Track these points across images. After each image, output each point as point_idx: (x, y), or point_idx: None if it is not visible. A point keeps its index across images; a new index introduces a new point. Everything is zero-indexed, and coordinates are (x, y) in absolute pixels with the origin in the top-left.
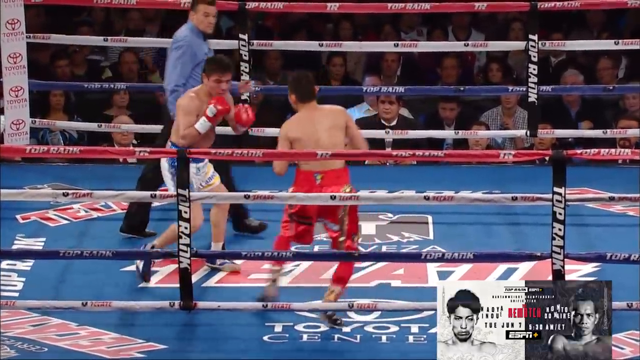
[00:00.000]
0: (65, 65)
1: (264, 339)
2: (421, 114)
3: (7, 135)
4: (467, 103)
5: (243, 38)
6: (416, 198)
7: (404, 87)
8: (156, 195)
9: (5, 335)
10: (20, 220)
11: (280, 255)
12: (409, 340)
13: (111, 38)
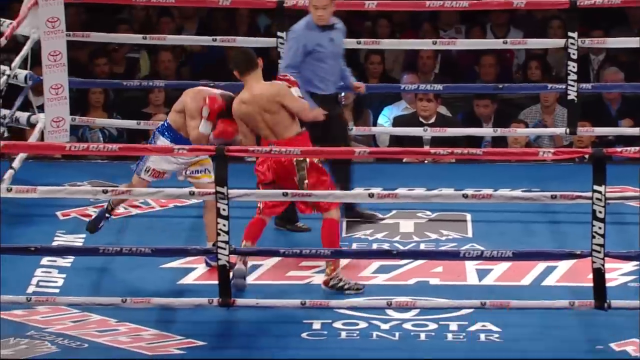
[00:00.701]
0: (104, 63)
1: (303, 336)
2: (459, 111)
3: (48, 132)
4: (506, 101)
5: (281, 36)
6: (455, 196)
7: (442, 85)
8: (195, 192)
9: (46, 331)
10: (60, 217)
11: (318, 253)
12: (448, 338)
13: (150, 36)
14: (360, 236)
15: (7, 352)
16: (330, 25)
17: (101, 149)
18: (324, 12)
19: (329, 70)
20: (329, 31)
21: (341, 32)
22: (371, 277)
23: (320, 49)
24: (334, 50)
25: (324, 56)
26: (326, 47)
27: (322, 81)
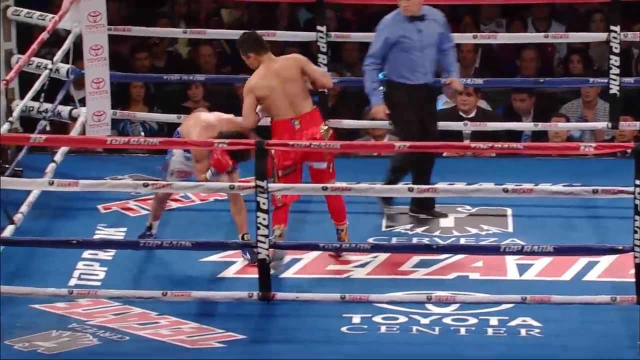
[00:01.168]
0: (145, 57)
1: (342, 330)
2: (500, 105)
3: (89, 126)
4: (547, 95)
5: (321, 30)
6: (495, 190)
7: (482, 79)
8: (235, 186)
9: (88, 324)
10: (101, 211)
11: (358, 248)
12: (488, 333)
13: (190, 30)
14: (400, 230)
15: (50, 345)
16: (420, 16)
17: (142, 142)
18: (408, 2)
19: (416, 61)
20: (418, 22)
21: (435, 23)
22: (411, 271)
23: (404, 40)
24: (423, 41)
25: (410, 47)
26: (412, 38)
27: (411, 72)
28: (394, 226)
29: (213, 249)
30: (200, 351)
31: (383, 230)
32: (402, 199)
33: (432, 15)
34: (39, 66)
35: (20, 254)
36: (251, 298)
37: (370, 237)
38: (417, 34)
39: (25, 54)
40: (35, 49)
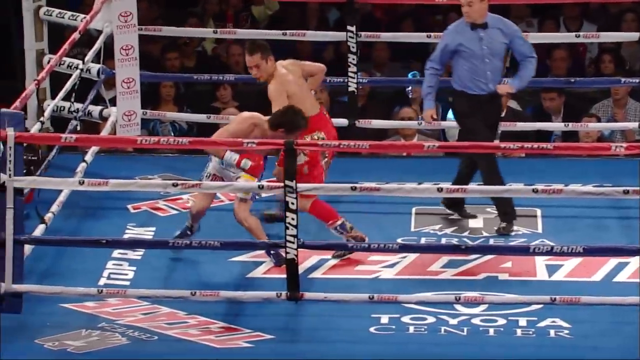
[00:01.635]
0: (175, 57)
1: (370, 331)
2: (529, 105)
3: (119, 126)
4: (578, 95)
5: (351, 30)
6: (524, 191)
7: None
8: (264, 186)
9: (117, 323)
10: (131, 210)
11: (386, 248)
12: (517, 334)
13: (221, 30)
14: (429, 231)
15: (79, 344)
16: (482, 24)
17: (171, 142)
18: (469, 9)
19: (476, 70)
20: (480, 30)
21: (500, 33)
22: (440, 271)
23: (464, 49)
24: (483, 50)
25: (469, 55)
26: (471, 46)
27: (472, 81)
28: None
29: (241, 249)
30: (228, 351)
31: (412, 231)
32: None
33: (498, 24)
34: (70, 66)
35: (50, 253)
36: (279, 298)
37: (399, 237)
38: (478, 43)
39: (57, 54)
40: (67, 49)
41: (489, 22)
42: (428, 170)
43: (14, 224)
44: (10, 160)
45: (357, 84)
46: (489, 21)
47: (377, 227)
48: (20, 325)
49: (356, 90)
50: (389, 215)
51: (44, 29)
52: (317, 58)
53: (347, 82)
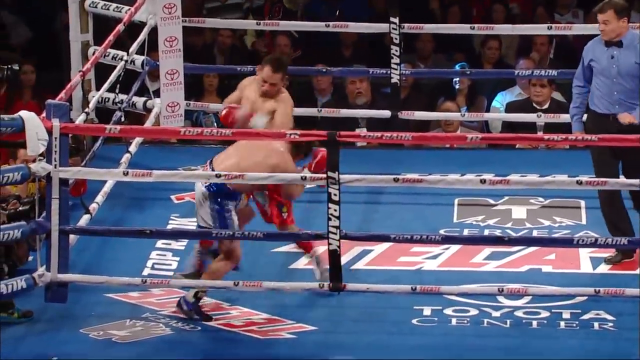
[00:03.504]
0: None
1: (413, 322)
2: None
3: (163, 117)
4: None
5: (394, 22)
6: (568, 182)
7: (556, 70)
8: (306, 177)
9: (160, 314)
10: (174, 201)
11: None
12: (561, 326)
13: (264, 22)
14: (472, 222)
15: (124, 333)
16: (617, 42)
17: (215, 134)
18: (605, 27)
19: (601, 87)
20: (614, 48)
21: (634, 51)
22: (482, 263)
23: (593, 64)
24: (612, 68)
25: (597, 72)
26: (601, 63)
27: (599, 99)
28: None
29: (284, 240)
30: (271, 342)
31: (454, 222)
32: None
33: (633, 43)
34: (114, 57)
35: (95, 244)
36: (322, 289)
37: (442, 228)
38: (608, 60)
39: (102, 46)
40: (112, 40)
41: (625, 41)
42: (471, 162)
43: (60, 214)
44: (56, 151)
45: (399, 75)
46: (626, 40)
47: (420, 218)
48: (66, 315)
49: (399, 81)
50: (431, 206)
51: (89, 21)
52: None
53: (389, 74)
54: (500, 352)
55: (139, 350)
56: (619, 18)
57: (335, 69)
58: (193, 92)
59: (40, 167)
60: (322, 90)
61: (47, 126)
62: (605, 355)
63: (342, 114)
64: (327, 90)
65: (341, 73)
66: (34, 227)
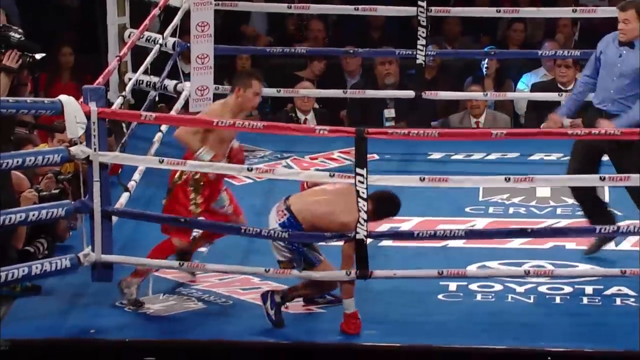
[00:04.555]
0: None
1: (439, 297)
2: None
3: (192, 100)
4: None
5: (422, 5)
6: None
7: (579, 51)
8: (334, 174)
9: (194, 288)
10: None
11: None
12: (583, 302)
13: (294, 5)
14: (497, 200)
15: (158, 307)
16: (629, 43)
17: (246, 125)
18: (624, 27)
19: (602, 81)
20: (625, 47)
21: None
22: (507, 240)
23: (602, 57)
24: (617, 66)
25: (602, 65)
26: (609, 57)
27: (599, 91)
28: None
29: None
30: (302, 316)
31: (480, 200)
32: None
33: None
34: (148, 40)
35: (131, 224)
36: (349, 277)
37: (468, 206)
38: (616, 58)
39: (138, 29)
40: (148, 24)
41: (637, 44)
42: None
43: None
44: (95, 135)
45: (425, 56)
46: (638, 42)
47: (446, 196)
48: (103, 290)
49: (424, 62)
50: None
51: (126, 4)
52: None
53: (415, 55)
54: (525, 328)
55: (173, 323)
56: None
57: (362, 49)
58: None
59: (80, 150)
60: (351, 72)
61: (85, 110)
62: (627, 331)
63: (368, 94)
64: (356, 71)
65: (368, 54)
66: (78, 206)
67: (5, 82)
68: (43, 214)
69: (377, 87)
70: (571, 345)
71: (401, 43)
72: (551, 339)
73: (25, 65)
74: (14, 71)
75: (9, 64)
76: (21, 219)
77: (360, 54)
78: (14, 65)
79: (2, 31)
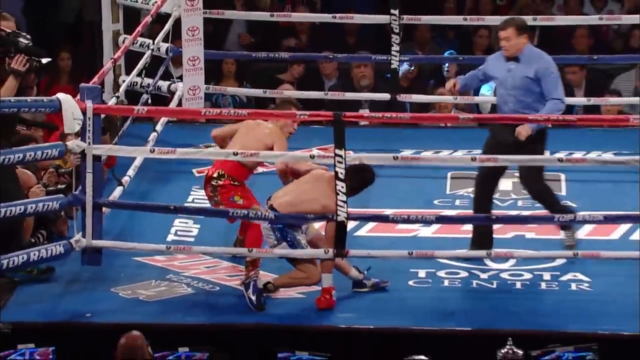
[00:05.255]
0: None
1: (409, 284)
2: None
3: (185, 99)
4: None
5: (394, 13)
6: (551, 160)
7: None
8: (315, 155)
9: (183, 275)
10: (196, 174)
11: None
12: (542, 287)
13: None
14: (463, 193)
15: (150, 293)
16: (514, 57)
17: (232, 113)
18: (506, 43)
19: (500, 98)
20: (511, 62)
21: (527, 68)
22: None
23: (493, 75)
24: (508, 81)
25: (498, 84)
26: (499, 75)
27: (498, 107)
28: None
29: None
30: (283, 300)
31: (447, 193)
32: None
33: (531, 60)
34: (142, 45)
35: (125, 212)
36: (327, 254)
37: (436, 199)
38: (505, 73)
39: (132, 35)
40: (140, 30)
41: (522, 57)
42: (463, 139)
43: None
44: (89, 129)
45: (399, 61)
46: (523, 56)
47: (416, 190)
48: (99, 276)
49: (398, 67)
50: (426, 179)
51: (120, 12)
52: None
53: (390, 60)
54: (488, 311)
55: (164, 307)
56: (519, 35)
57: (340, 55)
58: (213, 76)
59: (76, 144)
60: (328, 75)
61: (81, 107)
62: (582, 313)
63: (346, 96)
64: (333, 74)
65: (346, 59)
66: (71, 200)
67: (13, 85)
68: (40, 206)
69: (353, 89)
70: (530, 327)
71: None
72: (512, 322)
73: (32, 69)
74: (21, 74)
75: (17, 67)
76: (21, 211)
77: (339, 59)
78: (21, 69)
79: (11, 37)
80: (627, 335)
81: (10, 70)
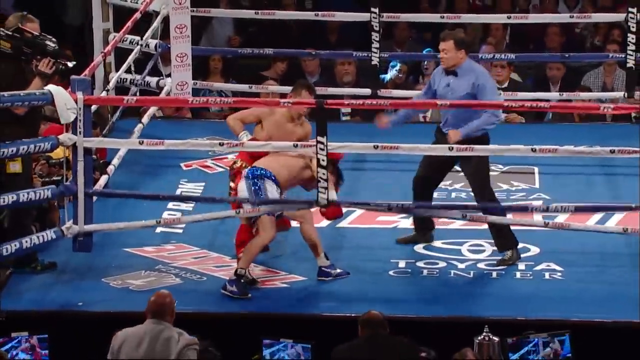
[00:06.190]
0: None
1: (390, 274)
2: (529, 77)
3: (173, 94)
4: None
5: (374, 11)
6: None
7: (514, 55)
8: (298, 145)
9: (172, 266)
10: (183, 168)
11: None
12: (517, 276)
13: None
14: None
15: (139, 282)
16: (452, 71)
17: (218, 102)
18: (444, 56)
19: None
20: (451, 76)
21: (465, 83)
22: (449, 222)
23: (436, 88)
24: (447, 95)
25: (439, 96)
26: (440, 88)
27: (442, 116)
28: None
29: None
30: (268, 290)
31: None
32: None
33: (470, 75)
34: (131, 42)
35: (111, 205)
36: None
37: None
38: (444, 88)
39: (120, 32)
40: (129, 27)
41: (460, 71)
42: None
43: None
44: (80, 120)
45: (379, 58)
46: (461, 70)
47: (397, 183)
48: (90, 267)
49: (379, 63)
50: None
51: (110, 11)
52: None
53: (370, 57)
54: (465, 299)
55: None
56: (458, 49)
57: (323, 52)
58: (200, 73)
59: (67, 137)
60: (310, 72)
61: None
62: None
63: (329, 92)
64: (315, 71)
65: (328, 55)
66: (63, 190)
67: (39, 86)
68: (32, 195)
69: (335, 85)
70: (506, 314)
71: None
72: (488, 309)
73: (58, 71)
74: (48, 76)
75: (44, 69)
76: (14, 199)
77: (321, 56)
78: (48, 71)
79: (39, 39)
80: (597, 321)
81: (37, 72)
